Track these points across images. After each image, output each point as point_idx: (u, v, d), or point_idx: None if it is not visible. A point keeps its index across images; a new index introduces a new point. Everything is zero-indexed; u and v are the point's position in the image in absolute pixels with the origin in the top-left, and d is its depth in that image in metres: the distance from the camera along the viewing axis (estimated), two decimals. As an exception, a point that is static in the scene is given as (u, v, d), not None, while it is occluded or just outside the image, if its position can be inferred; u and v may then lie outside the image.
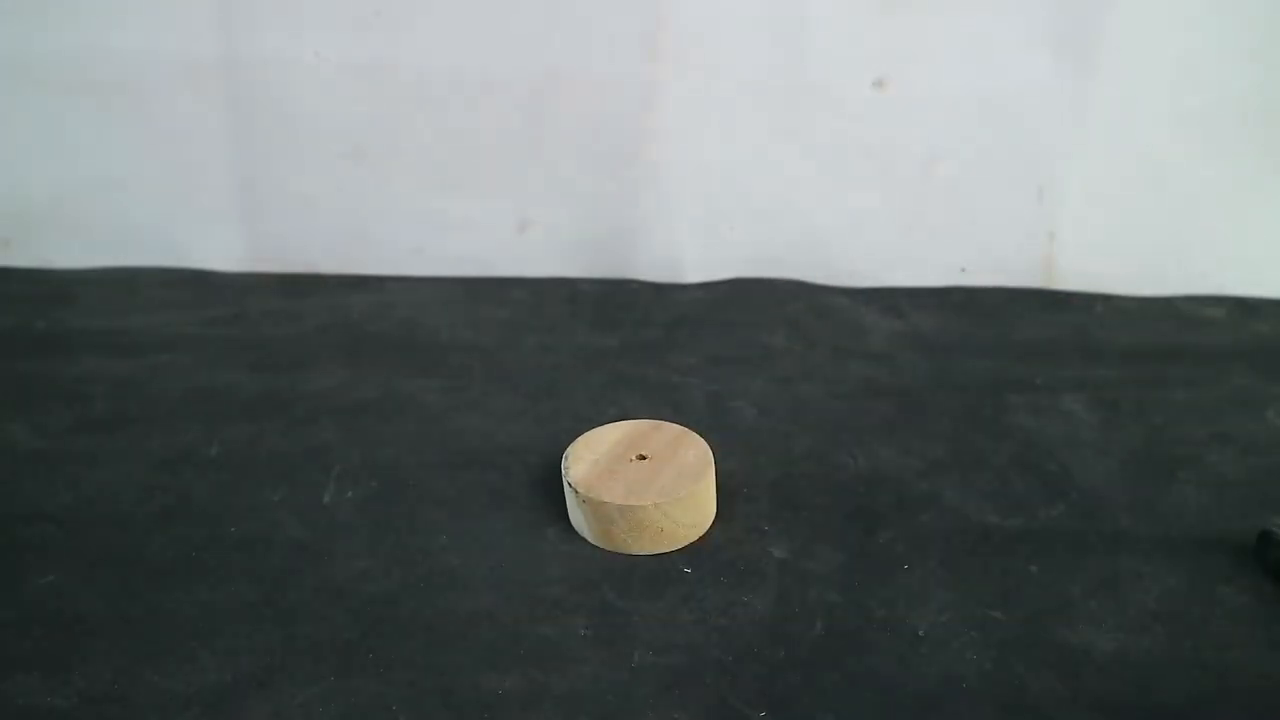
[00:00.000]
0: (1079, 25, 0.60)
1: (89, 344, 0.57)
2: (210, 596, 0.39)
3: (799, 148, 0.63)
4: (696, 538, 0.42)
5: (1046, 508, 0.44)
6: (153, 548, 0.41)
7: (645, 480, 0.42)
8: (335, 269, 0.66)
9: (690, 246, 0.64)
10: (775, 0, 0.60)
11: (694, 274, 0.65)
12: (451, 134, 0.62)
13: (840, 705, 0.35)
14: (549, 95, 0.61)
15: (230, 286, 0.64)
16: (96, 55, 0.60)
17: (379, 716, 0.34)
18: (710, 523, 0.43)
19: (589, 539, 0.42)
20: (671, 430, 0.45)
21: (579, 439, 0.44)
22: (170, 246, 0.66)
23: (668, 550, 0.42)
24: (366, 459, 0.47)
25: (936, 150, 0.61)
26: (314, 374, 0.54)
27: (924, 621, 0.38)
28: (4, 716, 0.33)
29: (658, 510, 0.41)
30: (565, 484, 0.42)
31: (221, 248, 0.66)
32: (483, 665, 0.36)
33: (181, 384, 0.53)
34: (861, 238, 0.64)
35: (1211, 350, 0.57)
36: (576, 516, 0.42)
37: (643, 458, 0.43)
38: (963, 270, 0.65)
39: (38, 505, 0.43)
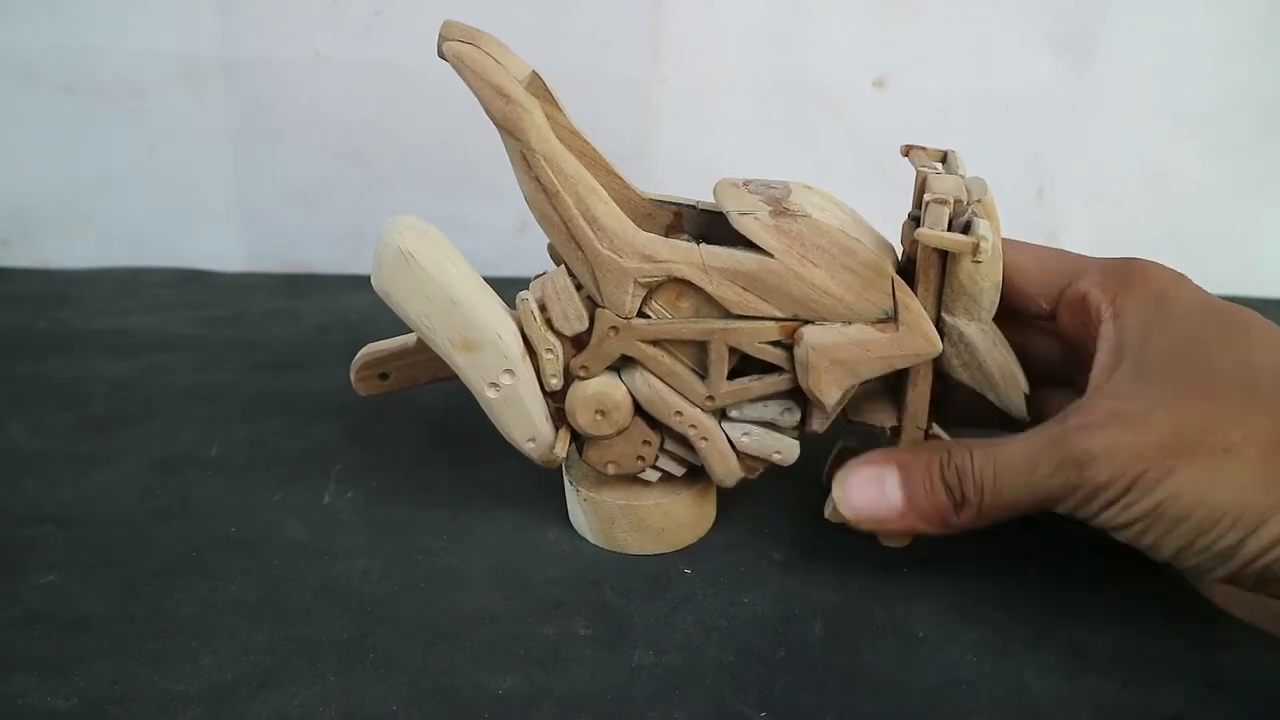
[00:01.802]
0: (1079, 25, 0.60)
1: (89, 344, 0.56)
2: (210, 596, 0.38)
3: (799, 147, 0.63)
4: (697, 538, 0.42)
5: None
6: (153, 548, 0.41)
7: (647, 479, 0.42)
8: (335, 269, 0.66)
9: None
10: (775, 0, 0.60)
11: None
12: (452, 134, 0.62)
13: (840, 705, 0.35)
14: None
15: (230, 286, 0.64)
16: (96, 55, 0.60)
17: (379, 716, 0.34)
18: (711, 523, 0.43)
19: (589, 539, 0.42)
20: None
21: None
22: (170, 246, 0.66)
23: (668, 550, 0.42)
24: (366, 459, 0.47)
25: (936, 150, 0.62)
26: (314, 374, 0.54)
27: (924, 621, 0.38)
28: (4, 716, 0.33)
29: (659, 510, 0.41)
30: (566, 483, 0.42)
31: (221, 248, 0.66)
32: (483, 665, 0.36)
33: (181, 384, 0.53)
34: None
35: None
36: (577, 516, 0.42)
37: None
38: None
39: (38, 505, 0.43)
